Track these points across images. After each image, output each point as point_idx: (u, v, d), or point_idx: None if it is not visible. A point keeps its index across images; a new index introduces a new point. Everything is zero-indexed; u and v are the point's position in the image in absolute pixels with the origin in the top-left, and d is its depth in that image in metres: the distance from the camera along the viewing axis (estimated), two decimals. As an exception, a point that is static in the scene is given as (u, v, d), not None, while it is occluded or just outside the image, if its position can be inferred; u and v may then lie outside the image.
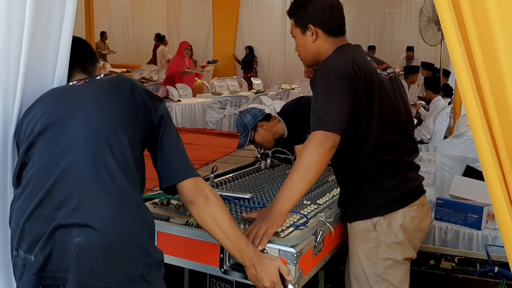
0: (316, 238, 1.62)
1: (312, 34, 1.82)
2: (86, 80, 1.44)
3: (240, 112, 3.08)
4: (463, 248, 2.87)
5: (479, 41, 1.08)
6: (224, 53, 13.87)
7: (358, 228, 1.77)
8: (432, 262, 2.58)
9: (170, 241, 1.64)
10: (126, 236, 1.21)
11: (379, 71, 1.81)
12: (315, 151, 1.59)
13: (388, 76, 1.85)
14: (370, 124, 1.71)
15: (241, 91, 9.87)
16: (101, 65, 1.64)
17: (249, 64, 13.14)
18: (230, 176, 2.36)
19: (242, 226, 1.65)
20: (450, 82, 7.04)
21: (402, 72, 8.45)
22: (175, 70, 8.39)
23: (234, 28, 14.01)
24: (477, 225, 2.91)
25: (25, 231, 1.21)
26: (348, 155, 1.77)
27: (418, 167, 1.89)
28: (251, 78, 11.99)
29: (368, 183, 1.76)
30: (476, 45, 1.09)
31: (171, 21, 14.69)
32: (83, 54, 1.60)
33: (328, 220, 1.74)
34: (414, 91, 7.96)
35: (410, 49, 10.89)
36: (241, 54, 13.64)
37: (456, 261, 2.58)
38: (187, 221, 1.65)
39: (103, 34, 12.69)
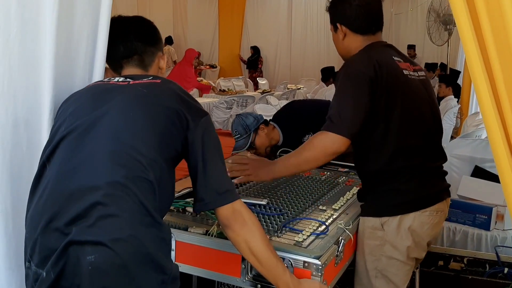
0: (338, 247, 1.60)
1: (341, 32, 1.83)
2: (130, 83, 1.37)
3: (239, 115, 3.00)
4: (471, 249, 2.85)
5: (494, 40, 1.08)
6: (230, 53, 13.89)
7: (367, 224, 1.77)
8: (441, 262, 2.58)
9: (189, 251, 1.59)
10: (141, 255, 1.17)
11: (407, 71, 1.77)
12: (318, 152, 1.66)
13: (418, 78, 1.83)
14: (388, 128, 1.68)
15: (247, 91, 9.89)
16: (162, 54, 1.54)
17: (254, 64, 13.15)
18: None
19: (273, 239, 1.59)
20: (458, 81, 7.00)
21: None
22: (197, 83, 8.54)
23: (240, 28, 14.02)
24: (486, 226, 2.90)
25: (38, 244, 1.18)
26: (366, 159, 1.76)
27: (444, 173, 1.86)
28: (257, 78, 12.01)
29: (384, 183, 1.76)
30: (491, 45, 1.08)
31: (177, 22, 14.70)
32: (145, 43, 1.49)
33: (347, 227, 1.72)
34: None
35: (410, 47, 10.76)
36: (246, 55, 13.65)
37: (465, 262, 2.57)
38: (206, 231, 1.62)
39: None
